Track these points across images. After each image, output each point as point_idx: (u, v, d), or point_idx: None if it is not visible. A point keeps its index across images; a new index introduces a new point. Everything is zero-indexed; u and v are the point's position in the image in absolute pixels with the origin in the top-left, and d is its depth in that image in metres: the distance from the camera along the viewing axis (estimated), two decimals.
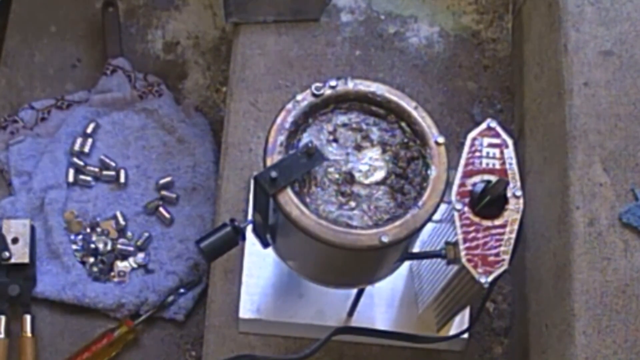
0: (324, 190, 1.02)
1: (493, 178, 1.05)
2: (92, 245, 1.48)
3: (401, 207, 1.02)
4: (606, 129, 1.19)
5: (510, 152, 1.07)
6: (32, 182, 1.52)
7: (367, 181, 1.03)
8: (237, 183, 1.38)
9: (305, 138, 1.04)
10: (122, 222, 1.50)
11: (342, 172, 1.03)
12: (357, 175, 1.03)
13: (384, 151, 1.05)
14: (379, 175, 1.04)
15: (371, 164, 1.04)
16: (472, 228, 1.04)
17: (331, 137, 1.05)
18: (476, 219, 1.04)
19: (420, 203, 1.01)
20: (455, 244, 1.04)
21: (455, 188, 1.05)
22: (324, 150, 1.04)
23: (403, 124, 1.06)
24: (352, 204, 1.02)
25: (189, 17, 1.69)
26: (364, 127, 1.06)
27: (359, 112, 1.06)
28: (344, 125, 1.06)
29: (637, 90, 1.21)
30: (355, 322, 1.26)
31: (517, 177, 1.06)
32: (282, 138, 1.03)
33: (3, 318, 1.43)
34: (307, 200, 1.01)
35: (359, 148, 1.05)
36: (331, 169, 1.03)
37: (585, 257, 1.13)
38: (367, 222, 1.01)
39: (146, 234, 1.49)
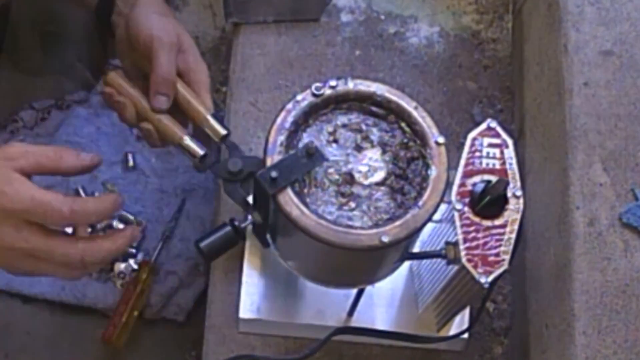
0: (324, 191, 1.02)
1: (493, 178, 1.05)
2: None
3: (401, 207, 1.02)
4: (606, 129, 1.19)
5: (510, 152, 1.07)
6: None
7: (367, 182, 1.03)
8: None
9: (305, 138, 1.04)
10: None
11: (342, 172, 1.03)
12: (357, 175, 1.03)
13: (384, 152, 1.05)
14: (379, 175, 1.04)
15: (371, 165, 1.04)
16: (472, 228, 1.04)
17: (331, 138, 1.05)
18: (476, 219, 1.04)
19: (420, 203, 1.01)
20: (455, 244, 1.04)
21: (455, 188, 1.05)
22: (324, 150, 1.04)
23: (403, 125, 1.06)
24: (352, 204, 1.02)
25: (189, 17, 1.69)
26: (364, 127, 1.06)
27: (359, 113, 1.06)
28: (344, 125, 1.06)
29: (637, 90, 1.21)
30: (355, 322, 1.26)
31: (517, 177, 1.06)
32: (282, 138, 1.03)
33: None
34: (307, 200, 1.01)
35: (359, 149, 1.05)
36: (331, 170, 1.03)
37: (585, 257, 1.13)
38: (367, 223, 1.01)
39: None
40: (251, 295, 1.28)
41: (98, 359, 1.45)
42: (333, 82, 1.06)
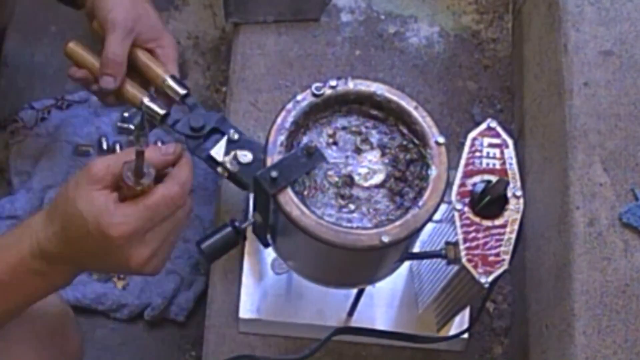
0: (324, 194, 1.02)
1: (493, 178, 1.05)
2: None
3: (400, 209, 1.02)
4: (606, 129, 1.19)
5: (510, 152, 1.07)
6: (31, 181, 1.52)
7: (366, 184, 1.03)
8: None
9: (305, 140, 1.05)
10: None
11: (341, 175, 1.03)
12: (356, 178, 1.03)
13: (383, 154, 1.05)
14: (379, 178, 1.04)
15: (370, 167, 1.04)
16: (472, 228, 1.04)
17: (331, 140, 1.05)
18: (476, 219, 1.04)
19: (420, 203, 1.01)
20: (456, 244, 1.04)
21: (455, 188, 1.05)
22: (324, 153, 1.04)
23: (402, 127, 1.06)
24: (352, 206, 1.02)
25: (189, 17, 1.69)
26: (364, 130, 1.06)
27: (359, 115, 1.06)
28: (344, 128, 1.06)
29: (637, 90, 1.21)
30: (355, 322, 1.26)
31: (517, 177, 1.06)
32: (282, 138, 1.03)
33: None
34: (307, 203, 1.01)
35: (358, 151, 1.05)
36: (331, 172, 1.03)
37: (585, 257, 1.13)
38: (367, 225, 1.01)
39: None
40: (251, 295, 1.28)
41: (98, 359, 1.45)
42: (333, 82, 1.06)
